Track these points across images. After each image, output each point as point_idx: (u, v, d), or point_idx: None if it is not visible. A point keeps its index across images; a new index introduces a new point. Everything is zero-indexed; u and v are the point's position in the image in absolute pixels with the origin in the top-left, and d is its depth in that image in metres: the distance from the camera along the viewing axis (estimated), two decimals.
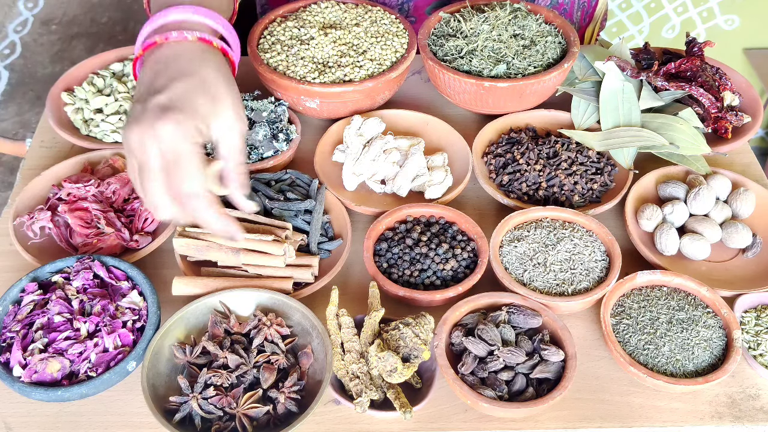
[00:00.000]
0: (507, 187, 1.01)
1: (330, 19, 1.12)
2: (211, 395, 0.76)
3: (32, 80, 2.21)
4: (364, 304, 0.87)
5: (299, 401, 0.78)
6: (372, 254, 0.90)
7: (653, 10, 2.25)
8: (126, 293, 0.84)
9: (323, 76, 1.03)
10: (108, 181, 0.96)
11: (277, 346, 0.81)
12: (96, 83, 1.10)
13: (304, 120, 1.13)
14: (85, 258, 0.86)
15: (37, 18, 2.13)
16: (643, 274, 0.89)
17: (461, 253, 0.90)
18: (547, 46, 1.08)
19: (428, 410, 0.80)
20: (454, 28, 1.11)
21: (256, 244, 0.88)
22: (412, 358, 0.80)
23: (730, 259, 0.96)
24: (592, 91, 1.08)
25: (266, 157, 1.02)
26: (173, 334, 0.82)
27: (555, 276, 0.88)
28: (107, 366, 0.78)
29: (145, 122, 0.70)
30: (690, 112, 1.03)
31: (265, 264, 0.88)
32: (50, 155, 1.07)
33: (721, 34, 2.28)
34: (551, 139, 1.04)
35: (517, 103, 1.08)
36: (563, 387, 0.78)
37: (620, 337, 0.84)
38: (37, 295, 0.83)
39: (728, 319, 0.84)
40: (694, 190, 0.98)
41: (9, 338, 0.80)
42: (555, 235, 0.92)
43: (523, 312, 0.84)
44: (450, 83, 1.06)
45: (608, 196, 1.01)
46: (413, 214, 0.96)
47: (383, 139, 1.03)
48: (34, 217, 0.93)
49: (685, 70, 1.09)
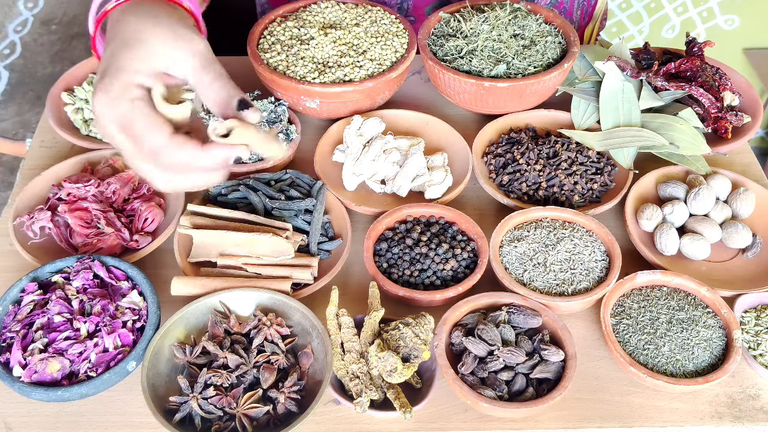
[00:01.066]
0: (507, 187, 1.01)
1: (330, 19, 1.12)
2: (211, 395, 0.76)
3: (32, 80, 2.21)
4: (364, 304, 0.87)
5: (299, 401, 0.78)
6: (372, 254, 0.90)
7: (653, 10, 2.25)
8: (126, 293, 0.84)
9: (323, 76, 1.03)
10: (108, 181, 0.96)
11: (277, 346, 0.81)
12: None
13: (304, 120, 1.13)
14: (85, 258, 0.86)
15: (37, 18, 2.13)
16: (643, 274, 0.89)
17: (461, 253, 0.90)
18: (547, 46, 1.08)
19: (428, 410, 0.80)
20: (454, 28, 1.11)
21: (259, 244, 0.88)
22: (412, 358, 0.80)
23: (730, 259, 0.95)
24: (592, 91, 1.08)
25: (266, 157, 1.02)
26: (173, 334, 0.82)
27: (555, 276, 0.88)
28: (107, 366, 0.78)
29: (92, 104, 0.67)
30: (690, 112, 1.03)
31: (272, 250, 0.88)
32: (50, 155, 1.07)
33: (721, 34, 2.28)
34: (551, 139, 1.04)
35: (517, 103, 1.08)
36: (563, 387, 0.78)
37: (620, 337, 0.84)
38: (37, 295, 0.83)
39: (728, 319, 0.84)
40: (694, 190, 0.98)
41: (9, 338, 0.80)
42: (555, 235, 0.92)
43: (523, 312, 0.84)
44: (450, 83, 1.06)
45: (608, 196, 1.01)
46: (413, 214, 0.96)
47: (383, 139, 1.03)
48: (34, 217, 0.93)
49: (685, 70, 1.09)
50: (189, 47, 0.69)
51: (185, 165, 0.68)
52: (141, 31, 0.68)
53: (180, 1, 0.76)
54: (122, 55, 0.68)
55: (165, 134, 0.67)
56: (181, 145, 0.67)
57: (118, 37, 0.69)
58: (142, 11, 0.71)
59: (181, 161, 0.67)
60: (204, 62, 0.69)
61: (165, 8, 0.72)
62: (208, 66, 0.69)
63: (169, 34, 0.68)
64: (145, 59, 0.67)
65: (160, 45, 0.68)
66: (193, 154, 0.67)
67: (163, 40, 0.68)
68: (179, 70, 0.69)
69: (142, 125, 0.66)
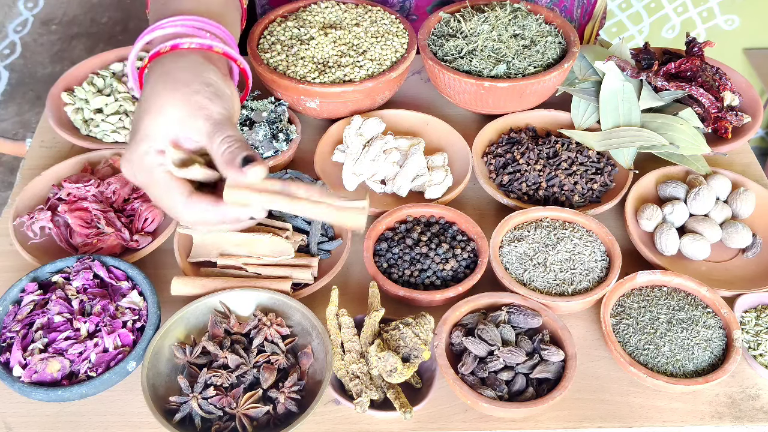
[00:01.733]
0: (507, 187, 1.01)
1: (330, 19, 1.12)
2: (211, 395, 0.76)
3: (32, 80, 2.21)
4: (364, 304, 0.87)
5: (299, 401, 0.78)
6: (372, 254, 0.90)
7: (653, 10, 2.25)
8: (126, 293, 0.84)
9: (323, 76, 1.03)
10: (108, 181, 0.96)
11: (277, 346, 0.81)
12: (96, 83, 1.10)
13: (304, 120, 1.13)
14: (85, 258, 0.86)
15: (37, 18, 2.13)
16: (643, 274, 0.89)
17: (461, 253, 0.90)
18: (547, 46, 1.08)
19: (428, 410, 0.80)
20: (454, 28, 1.11)
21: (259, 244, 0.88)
22: (412, 358, 0.80)
23: (730, 259, 0.96)
24: (592, 91, 1.08)
25: (266, 157, 1.02)
26: (173, 334, 0.82)
27: (555, 276, 0.88)
28: (107, 366, 0.78)
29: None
30: (690, 112, 1.03)
31: (272, 250, 0.88)
32: (50, 155, 1.07)
33: (721, 34, 2.28)
34: (551, 139, 1.04)
35: (517, 103, 1.08)
36: (563, 387, 0.78)
37: (620, 337, 0.84)
38: (37, 295, 0.83)
39: (728, 319, 0.84)
40: (694, 190, 0.98)
41: (9, 338, 0.80)
42: (555, 235, 0.92)
43: (523, 312, 0.84)
44: (450, 83, 1.06)
45: (608, 196, 1.01)
46: (413, 214, 0.96)
47: (383, 139, 1.03)
48: (34, 217, 0.93)
49: (685, 70, 1.09)
50: (202, 114, 0.71)
51: (204, 221, 0.72)
52: (160, 96, 0.71)
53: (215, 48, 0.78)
54: (142, 121, 0.71)
55: (181, 196, 0.71)
56: (195, 205, 0.71)
57: (143, 96, 0.73)
58: (167, 70, 0.74)
59: (198, 219, 0.72)
60: (214, 128, 0.71)
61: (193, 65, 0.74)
62: (219, 130, 0.71)
63: (184, 102, 0.71)
64: (161, 127, 0.71)
65: (176, 113, 0.71)
66: (207, 213, 0.71)
67: (178, 108, 0.71)
68: (194, 135, 0.72)
69: (158, 191, 0.71)
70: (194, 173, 0.71)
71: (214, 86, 0.73)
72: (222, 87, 0.73)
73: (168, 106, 0.70)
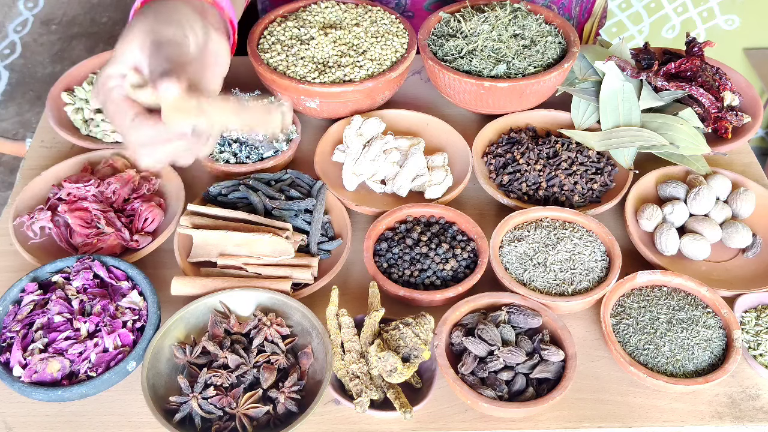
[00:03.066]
0: (507, 187, 1.01)
1: (330, 19, 1.12)
2: (211, 395, 0.76)
3: (32, 80, 2.21)
4: (364, 304, 0.87)
5: (299, 401, 0.78)
6: (372, 254, 0.90)
7: (653, 10, 2.25)
8: (126, 293, 0.84)
9: (323, 76, 1.03)
10: (108, 181, 0.96)
11: (277, 346, 0.81)
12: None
13: (304, 120, 1.13)
14: (85, 258, 0.86)
15: (37, 18, 2.13)
16: (643, 274, 0.89)
17: (461, 253, 0.90)
18: (547, 46, 1.08)
19: (428, 410, 0.80)
20: (454, 28, 1.11)
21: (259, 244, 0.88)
22: (412, 358, 0.80)
23: (730, 259, 0.96)
24: (592, 91, 1.08)
25: (266, 157, 1.02)
26: (173, 334, 0.82)
27: (555, 276, 0.88)
28: (107, 366, 0.78)
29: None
30: (690, 112, 1.03)
31: (272, 250, 0.88)
32: (50, 155, 1.07)
33: (721, 34, 2.28)
34: (551, 139, 1.04)
35: (517, 103, 1.08)
36: (563, 387, 0.78)
37: (620, 337, 0.84)
38: (37, 295, 0.83)
39: (728, 319, 0.84)
40: (694, 190, 0.98)
41: (9, 338, 0.80)
42: (555, 235, 0.92)
43: (523, 312, 0.84)
44: (450, 83, 1.06)
45: (608, 196, 1.01)
46: (413, 214, 0.96)
47: (383, 139, 1.03)
48: (34, 217, 0.93)
49: (685, 70, 1.09)
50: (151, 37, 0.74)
51: (151, 140, 0.73)
52: (134, 27, 0.75)
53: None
54: (116, 48, 0.75)
55: (128, 116, 0.72)
56: (142, 123, 0.72)
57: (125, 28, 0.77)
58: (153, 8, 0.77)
59: (146, 137, 0.72)
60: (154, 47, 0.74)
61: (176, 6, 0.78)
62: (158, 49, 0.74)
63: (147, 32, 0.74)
64: (126, 53, 0.74)
65: (139, 39, 0.74)
66: (149, 131, 0.72)
67: (142, 36, 0.74)
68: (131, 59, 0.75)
69: (110, 110, 0.73)
70: (143, 96, 0.73)
71: (184, 20, 0.76)
72: (194, 24, 0.76)
73: (136, 32, 0.75)
